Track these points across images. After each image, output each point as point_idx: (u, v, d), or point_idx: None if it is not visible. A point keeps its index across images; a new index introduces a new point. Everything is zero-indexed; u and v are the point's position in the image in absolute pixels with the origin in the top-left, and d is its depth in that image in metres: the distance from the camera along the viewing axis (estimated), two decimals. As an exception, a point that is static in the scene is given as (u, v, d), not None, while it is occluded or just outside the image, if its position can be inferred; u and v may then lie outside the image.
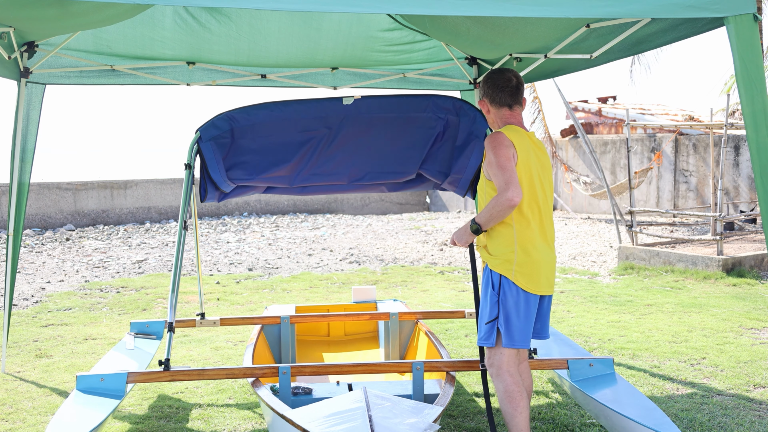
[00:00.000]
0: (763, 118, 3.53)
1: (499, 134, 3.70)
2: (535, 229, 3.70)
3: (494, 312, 3.68)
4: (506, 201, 3.53)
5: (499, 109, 3.86)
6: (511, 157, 3.62)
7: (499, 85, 3.85)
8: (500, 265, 3.68)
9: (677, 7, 3.56)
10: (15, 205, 5.57)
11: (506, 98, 3.85)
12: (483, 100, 3.93)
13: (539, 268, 3.70)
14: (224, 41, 5.72)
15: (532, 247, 3.68)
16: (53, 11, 4.18)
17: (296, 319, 5.52)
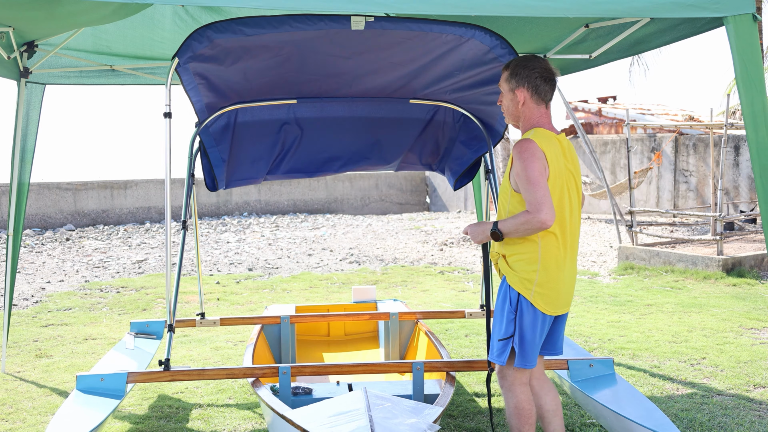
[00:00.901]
0: (762, 118, 3.54)
1: (530, 144, 3.31)
2: (560, 247, 3.40)
3: (510, 329, 3.44)
4: (538, 223, 3.22)
5: (537, 105, 3.44)
6: (543, 171, 3.27)
7: (545, 76, 3.42)
8: (519, 282, 3.41)
9: (676, 6, 3.57)
10: (15, 205, 5.57)
11: (548, 93, 3.45)
12: (522, 89, 3.42)
13: (560, 288, 3.43)
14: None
15: (556, 267, 3.40)
16: (52, 9, 4.18)
17: (296, 319, 5.52)
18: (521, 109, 3.45)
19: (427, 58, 4.37)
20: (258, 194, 17.69)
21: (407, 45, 4.18)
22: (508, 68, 3.44)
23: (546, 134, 3.39)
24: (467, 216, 17.23)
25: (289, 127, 4.92)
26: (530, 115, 3.45)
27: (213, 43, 3.91)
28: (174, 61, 3.96)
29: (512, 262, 3.42)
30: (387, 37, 4.07)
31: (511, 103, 3.47)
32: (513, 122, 3.53)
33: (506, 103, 3.50)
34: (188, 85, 4.21)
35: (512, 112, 3.49)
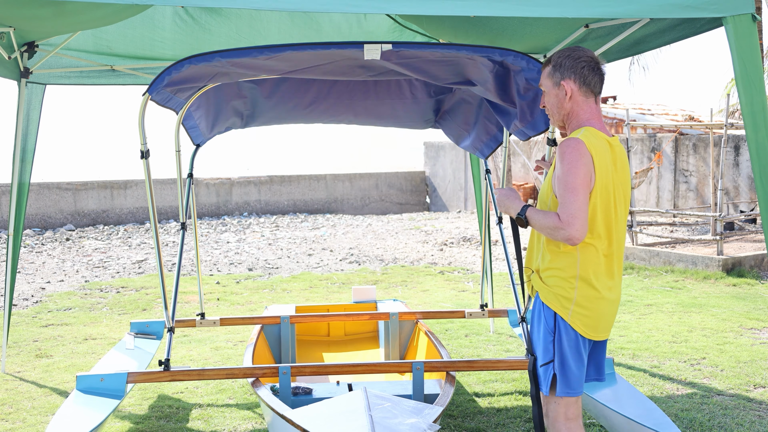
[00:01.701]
0: (762, 118, 3.54)
1: (578, 145, 2.92)
2: (602, 261, 3.03)
3: (548, 354, 3.06)
4: (564, 238, 2.91)
5: (586, 98, 3.05)
6: (588, 180, 2.91)
7: (592, 65, 3.04)
8: (555, 300, 3.03)
9: (675, 7, 3.57)
10: (15, 205, 5.57)
11: (597, 84, 3.06)
12: (568, 80, 3.04)
13: (602, 309, 3.05)
14: (224, 42, 5.72)
15: (597, 283, 3.02)
16: (52, 10, 4.19)
17: (296, 319, 5.52)
18: (568, 105, 3.06)
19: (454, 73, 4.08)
20: (258, 194, 17.69)
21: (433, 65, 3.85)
22: (550, 62, 3.09)
23: (597, 135, 3.01)
24: (467, 216, 17.23)
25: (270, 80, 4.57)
26: (578, 111, 3.06)
27: (189, 67, 3.51)
28: (145, 97, 3.56)
29: (546, 276, 3.07)
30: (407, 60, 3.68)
31: (556, 100, 3.08)
32: (559, 123, 3.15)
33: (550, 102, 3.11)
34: (164, 102, 3.91)
35: (558, 110, 3.10)
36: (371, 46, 3.39)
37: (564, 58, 3.05)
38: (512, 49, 3.56)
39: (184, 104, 4.11)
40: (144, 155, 3.76)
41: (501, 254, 11.20)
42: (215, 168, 26.23)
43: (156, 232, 3.95)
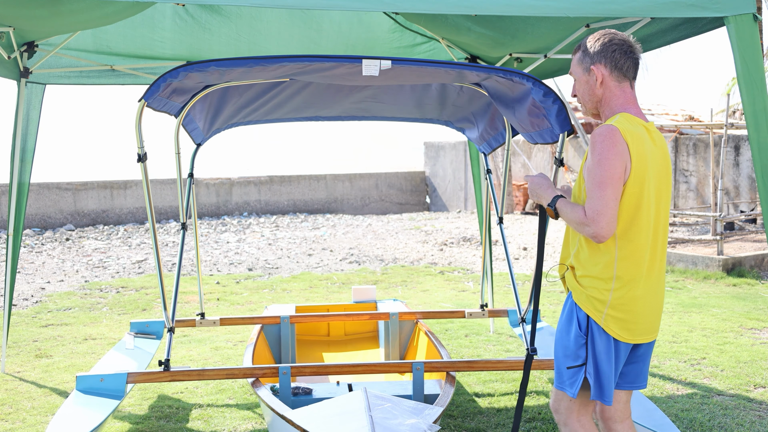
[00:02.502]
0: (764, 118, 3.54)
1: (612, 132, 2.74)
2: (642, 260, 2.84)
3: (581, 356, 2.88)
4: (589, 235, 2.75)
5: (620, 83, 2.88)
6: (621, 172, 2.73)
7: (624, 48, 2.87)
8: (587, 301, 2.86)
9: (677, 6, 3.57)
10: (15, 205, 5.57)
11: (631, 68, 2.88)
12: (598, 65, 2.87)
13: (639, 310, 2.86)
14: (224, 41, 5.72)
15: (635, 285, 2.84)
16: (52, 9, 4.18)
17: (296, 319, 5.52)
18: (600, 91, 2.89)
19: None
20: (258, 194, 17.69)
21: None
22: (580, 48, 2.94)
23: (634, 122, 2.81)
24: (467, 216, 17.23)
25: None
26: (611, 97, 2.89)
27: (188, 76, 3.46)
28: (141, 103, 3.49)
29: (581, 276, 2.89)
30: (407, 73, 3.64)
31: (587, 86, 2.91)
32: (592, 111, 2.97)
33: (581, 89, 2.94)
34: (161, 107, 3.86)
35: (590, 97, 2.92)
36: (369, 62, 3.33)
37: (594, 42, 2.90)
38: (518, 71, 3.50)
39: (182, 108, 4.10)
40: (141, 158, 3.76)
41: (501, 254, 11.20)
42: (215, 168, 26.21)
43: (154, 234, 3.94)
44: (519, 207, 17.44)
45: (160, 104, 3.76)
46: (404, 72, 3.56)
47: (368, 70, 3.33)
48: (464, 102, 4.79)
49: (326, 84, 4.55)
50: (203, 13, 5.40)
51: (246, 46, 5.80)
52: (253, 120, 5.17)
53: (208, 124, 4.89)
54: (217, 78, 3.62)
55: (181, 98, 3.97)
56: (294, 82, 4.53)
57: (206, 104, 4.50)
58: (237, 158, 58.04)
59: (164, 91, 3.57)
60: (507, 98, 3.86)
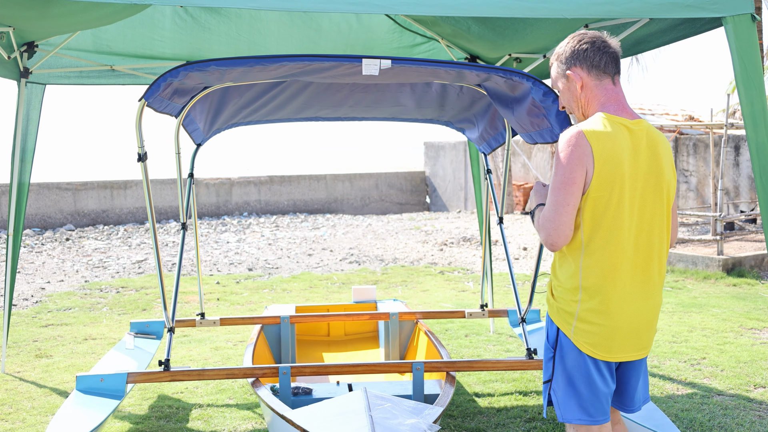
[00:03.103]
0: (762, 118, 3.55)
1: (574, 135, 2.57)
2: (615, 269, 2.61)
3: (548, 372, 2.73)
4: (542, 242, 2.64)
5: (600, 81, 2.70)
6: (579, 176, 2.55)
7: (598, 46, 2.71)
8: (557, 314, 2.70)
9: (675, 7, 3.58)
10: (15, 205, 5.57)
11: (609, 64, 2.71)
12: (575, 68, 2.71)
13: (614, 325, 2.62)
14: (224, 41, 5.72)
15: (606, 295, 2.61)
16: (52, 10, 4.19)
17: (296, 319, 5.52)
18: (582, 95, 2.73)
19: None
20: (258, 194, 17.69)
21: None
22: (553, 56, 2.83)
23: (610, 120, 2.62)
24: (467, 216, 17.23)
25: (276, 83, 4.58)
26: (593, 98, 2.72)
27: (188, 75, 3.47)
28: (141, 103, 3.49)
29: (554, 286, 2.75)
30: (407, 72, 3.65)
31: (570, 94, 2.76)
32: (583, 112, 2.78)
33: (566, 99, 2.79)
34: (161, 108, 3.85)
35: (576, 104, 2.77)
36: (369, 61, 3.31)
37: (565, 47, 2.75)
38: (518, 70, 3.50)
39: (182, 109, 4.10)
40: (141, 158, 3.77)
41: (501, 254, 11.20)
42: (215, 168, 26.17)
43: (154, 234, 3.95)
44: (519, 207, 17.45)
45: (161, 105, 3.77)
46: (404, 71, 3.57)
47: (368, 69, 3.31)
48: (464, 102, 4.79)
49: (326, 84, 4.55)
50: (203, 13, 5.41)
51: (246, 46, 5.80)
52: (254, 120, 5.17)
53: (208, 125, 4.90)
54: (217, 78, 3.62)
55: (181, 99, 3.98)
56: (294, 83, 4.53)
57: (206, 104, 4.51)
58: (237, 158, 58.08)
59: (165, 92, 3.58)
60: (507, 98, 3.86)
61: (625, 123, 2.66)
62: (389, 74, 3.51)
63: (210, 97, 4.43)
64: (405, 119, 5.38)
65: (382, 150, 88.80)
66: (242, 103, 4.74)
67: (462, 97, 4.72)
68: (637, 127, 2.68)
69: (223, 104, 4.64)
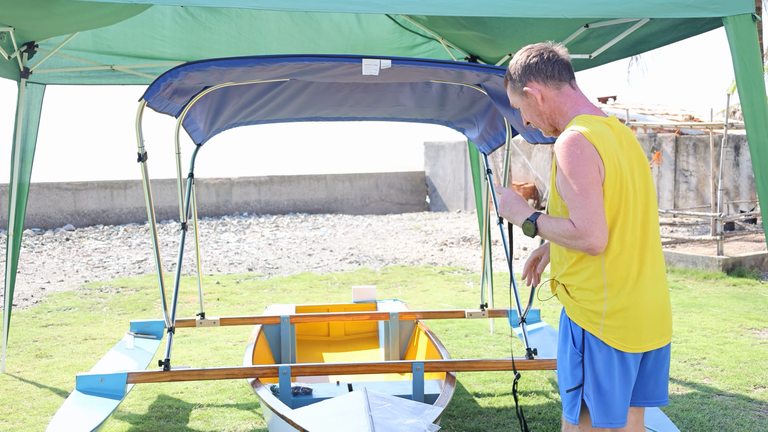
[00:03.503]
0: (762, 118, 3.55)
1: (576, 137, 2.58)
2: (631, 261, 2.64)
3: (577, 376, 2.67)
4: (583, 248, 2.56)
5: (560, 89, 2.73)
6: (597, 175, 2.56)
7: (545, 56, 2.75)
8: (582, 315, 2.66)
9: (676, 6, 3.58)
10: (15, 205, 5.57)
11: (563, 71, 2.74)
12: (530, 83, 2.74)
13: (640, 315, 2.65)
14: (224, 41, 5.73)
15: (630, 287, 2.64)
16: (52, 10, 4.19)
17: (296, 319, 5.52)
18: (545, 107, 2.76)
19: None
20: (258, 194, 17.69)
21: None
22: (506, 79, 2.86)
23: (593, 120, 2.65)
24: (467, 216, 17.23)
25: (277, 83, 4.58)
26: (558, 105, 2.75)
27: (188, 75, 3.47)
28: (141, 103, 3.49)
29: (571, 288, 2.70)
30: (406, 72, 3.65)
31: (532, 109, 2.78)
32: (551, 130, 2.82)
33: (529, 115, 2.81)
34: (161, 108, 3.85)
35: (540, 118, 2.79)
36: (369, 61, 3.30)
37: (516, 64, 2.79)
38: None
39: (182, 109, 4.10)
40: (141, 158, 3.77)
41: (501, 254, 11.20)
42: (215, 168, 26.16)
43: (155, 234, 3.95)
44: (519, 207, 17.42)
45: (161, 105, 3.77)
46: (404, 71, 3.57)
47: (368, 69, 3.32)
48: (464, 102, 4.79)
49: (326, 84, 4.56)
50: (203, 13, 5.41)
51: (246, 46, 5.80)
52: (254, 120, 5.17)
53: (208, 125, 4.90)
54: (217, 78, 3.62)
55: (181, 99, 3.98)
56: (294, 83, 4.53)
57: (206, 105, 4.51)
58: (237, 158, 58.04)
59: (165, 92, 3.58)
60: (507, 98, 3.86)
61: (605, 121, 2.70)
62: (389, 74, 3.52)
63: (210, 97, 4.43)
64: (405, 119, 5.38)
65: (382, 150, 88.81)
66: (242, 103, 4.73)
67: (462, 97, 4.72)
68: (615, 123, 2.73)
69: (223, 104, 4.64)
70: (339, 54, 3.67)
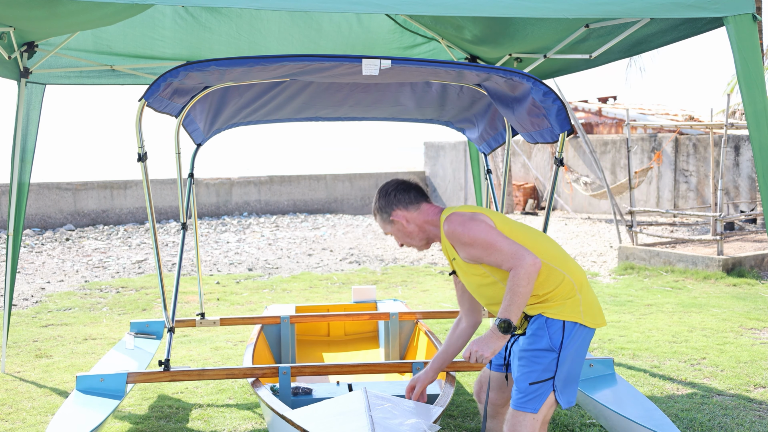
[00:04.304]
0: (764, 117, 3.55)
1: (457, 214, 3.08)
2: (555, 255, 3.14)
3: (550, 371, 3.04)
4: (532, 271, 2.90)
5: (419, 208, 3.23)
6: (491, 226, 3.02)
7: (401, 188, 3.29)
8: (561, 312, 3.04)
9: (676, 6, 3.58)
10: (15, 205, 5.57)
11: (417, 194, 3.27)
12: (395, 212, 3.23)
13: (592, 294, 3.18)
14: (224, 41, 5.72)
15: (578, 272, 3.15)
16: (52, 10, 4.19)
17: (296, 319, 5.52)
18: (413, 226, 3.23)
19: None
20: (258, 194, 17.69)
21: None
22: (375, 213, 3.32)
23: (456, 206, 3.22)
24: (467, 216, 17.23)
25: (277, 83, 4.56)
26: (423, 219, 3.23)
27: (188, 75, 3.44)
28: (141, 103, 3.49)
29: (545, 298, 3.07)
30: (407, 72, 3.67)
31: (403, 232, 3.25)
32: (424, 245, 3.27)
33: (401, 236, 3.27)
34: (161, 108, 3.83)
35: (413, 238, 3.25)
36: (369, 61, 3.33)
37: (379, 200, 3.27)
38: (519, 70, 3.49)
39: (182, 109, 4.10)
40: (141, 158, 3.77)
41: (501, 254, 11.19)
42: (215, 168, 26.19)
43: (155, 234, 3.95)
44: (519, 207, 17.44)
45: (161, 105, 3.77)
46: (404, 71, 3.57)
47: (368, 69, 3.33)
48: (464, 103, 4.79)
49: (326, 84, 4.55)
50: (204, 13, 5.41)
51: (246, 46, 5.80)
52: (254, 120, 5.17)
53: (208, 125, 4.90)
54: (218, 78, 3.62)
55: (181, 99, 3.98)
56: (294, 83, 4.53)
57: (207, 104, 4.50)
58: (237, 158, 58.05)
59: (165, 92, 3.57)
60: (507, 98, 3.86)
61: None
62: (389, 74, 3.51)
63: (210, 97, 4.43)
64: (405, 119, 5.37)
65: (382, 150, 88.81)
66: (242, 103, 4.73)
67: (462, 97, 4.71)
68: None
69: (223, 104, 4.63)
70: (339, 54, 3.67)
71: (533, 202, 17.54)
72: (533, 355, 3.04)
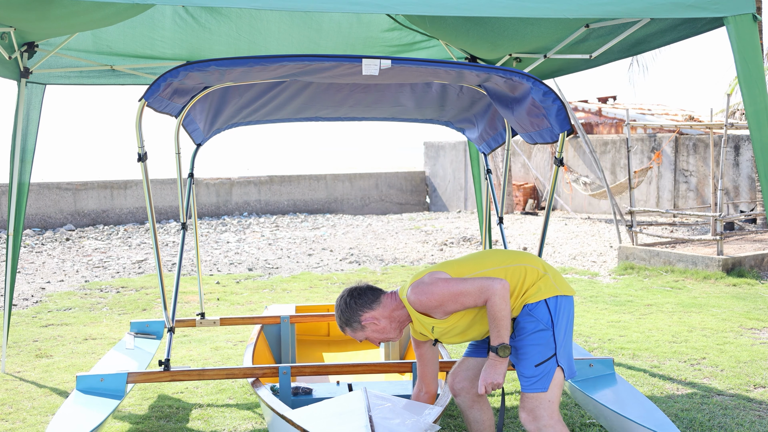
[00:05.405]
0: (765, 117, 3.55)
1: (421, 281, 3.29)
2: (505, 261, 3.42)
3: (550, 348, 3.24)
4: (501, 291, 3.13)
5: (381, 303, 3.36)
6: (446, 277, 3.26)
7: (357, 293, 3.41)
8: (541, 292, 3.28)
9: (676, 7, 3.58)
10: (15, 205, 5.57)
11: (375, 291, 3.41)
12: (363, 314, 3.32)
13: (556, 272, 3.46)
14: (224, 41, 5.72)
15: (541, 260, 3.45)
16: (53, 11, 4.19)
17: (296, 318, 5.52)
18: (384, 322, 3.35)
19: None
20: (258, 194, 17.69)
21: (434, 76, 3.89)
22: (344, 326, 3.38)
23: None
24: (467, 216, 17.23)
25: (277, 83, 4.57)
26: (390, 308, 3.35)
27: (189, 75, 3.45)
28: (141, 103, 3.50)
29: (526, 295, 3.30)
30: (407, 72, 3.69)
31: (376, 332, 3.36)
32: (398, 332, 3.40)
33: (375, 336, 3.38)
34: (161, 108, 3.82)
35: (384, 333, 3.36)
36: (369, 61, 3.34)
37: (341, 318, 3.35)
38: (518, 70, 3.49)
39: (182, 109, 4.10)
40: (141, 158, 3.77)
41: (501, 254, 11.17)
42: (215, 168, 26.20)
43: (155, 234, 3.95)
44: (519, 207, 17.44)
45: (161, 105, 3.77)
46: (404, 71, 3.57)
47: (368, 69, 3.35)
48: (464, 103, 4.79)
49: (326, 84, 4.55)
50: (203, 13, 5.41)
51: (246, 46, 5.80)
52: (254, 120, 5.17)
53: (208, 125, 4.90)
54: (217, 78, 3.62)
55: (181, 99, 3.98)
56: (294, 83, 4.53)
57: (206, 105, 4.50)
58: (237, 158, 58.07)
59: (165, 92, 3.57)
60: (506, 98, 3.86)
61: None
62: (389, 74, 3.51)
63: (210, 97, 4.43)
64: (405, 119, 5.37)
65: (382, 150, 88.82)
66: (242, 103, 4.73)
67: (462, 97, 4.71)
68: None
69: (223, 104, 4.63)
70: (339, 54, 3.68)
71: (533, 202, 17.54)
72: (530, 341, 3.23)
